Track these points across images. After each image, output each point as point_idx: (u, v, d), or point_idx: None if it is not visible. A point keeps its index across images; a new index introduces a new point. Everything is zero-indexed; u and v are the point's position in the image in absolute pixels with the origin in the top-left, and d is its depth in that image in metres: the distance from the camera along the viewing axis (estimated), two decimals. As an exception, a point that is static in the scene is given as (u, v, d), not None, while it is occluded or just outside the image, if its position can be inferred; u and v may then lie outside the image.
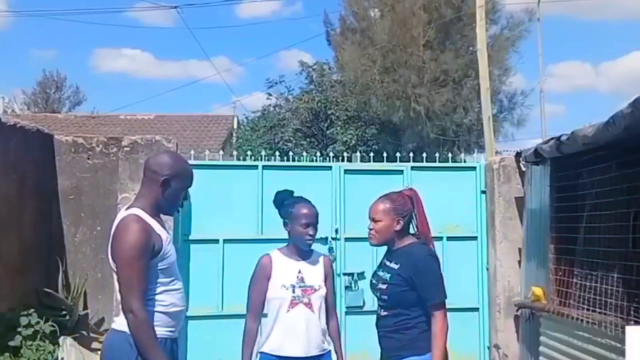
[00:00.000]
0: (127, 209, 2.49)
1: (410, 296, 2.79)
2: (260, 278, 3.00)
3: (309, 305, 2.92)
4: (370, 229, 2.96)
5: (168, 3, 35.17)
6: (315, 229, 3.02)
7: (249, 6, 44.93)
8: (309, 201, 3.09)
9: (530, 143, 9.92)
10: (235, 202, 5.43)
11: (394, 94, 13.54)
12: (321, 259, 3.10)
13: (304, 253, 3.04)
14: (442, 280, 2.85)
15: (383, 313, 2.93)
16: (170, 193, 2.50)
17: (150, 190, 2.49)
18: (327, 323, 3.05)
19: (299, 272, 2.97)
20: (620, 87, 37.68)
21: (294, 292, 2.91)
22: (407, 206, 2.93)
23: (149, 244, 2.36)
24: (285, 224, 3.05)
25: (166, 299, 2.43)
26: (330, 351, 3.03)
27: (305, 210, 3.00)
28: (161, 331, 2.41)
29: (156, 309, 2.40)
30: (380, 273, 2.96)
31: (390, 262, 2.93)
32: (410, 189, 3.07)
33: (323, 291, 2.99)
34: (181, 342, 5.20)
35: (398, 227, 2.90)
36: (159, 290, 2.42)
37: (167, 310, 2.44)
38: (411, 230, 3.00)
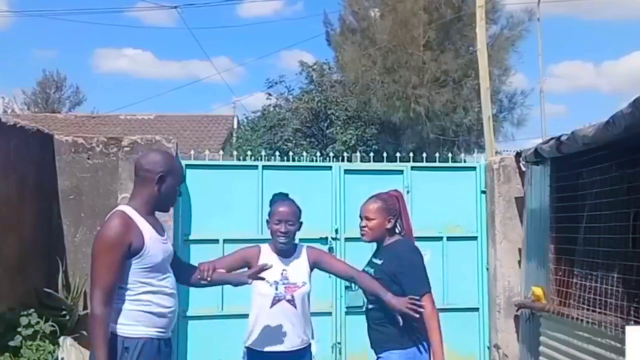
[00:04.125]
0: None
1: (393, 289, 2.91)
2: (240, 256, 3.08)
3: (291, 302, 2.97)
4: (363, 227, 3.11)
5: (169, 3, 35.17)
6: (290, 227, 3.00)
7: (250, 6, 44.91)
8: (292, 200, 3.11)
9: (530, 143, 9.91)
10: (235, 202, 5.43)
11: (394, 94, 13.52)
12: (304, 251, 3.10)
13: (288, 250, 3.06)
14: (425, 272, 2.99)
15: (370, 306, 3.08)
16: (166, 189, 2.52)
17: (145, 189, 2.51)
18: (356, 277, 3.06)
19: (284, 269, 3.01)
20: (621, 87, 37.67)
21: (277, 289, 2.96)
22: (396, 205, 3.12)
23: (123, 241, 2.36)
24: (267, 223, 3.12)
25: (151, 299, 2.42)
26: (310, 343, 3.08)
27: (280, 208, 3.03)
28: (148, 331, 2.41)
29: (140, 308, 2.39)
30: (366, 269, 3.13)
31: (376, 258, 3.11)
32: (396, 190, 3.23)
33: (307, 288, 3.02)
34: (181, 342, 5.24)
35: (389, 226, 3.08)
36: (141, 290, 2.41)
37: (153, 310, 2.42)
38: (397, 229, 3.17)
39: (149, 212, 2.51)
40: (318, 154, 12.88)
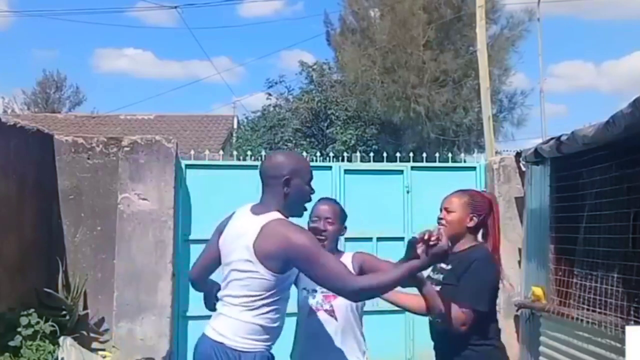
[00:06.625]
0: (256, 213, 2.40)
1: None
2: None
3: (331, 312, 2.61)
4: (440, 219, 2.68)
5: (169, 3, 35.18)
6: (329, 225, 2.67)
7: (250, 6, 44.93)
8: (335, 201, 2.86)
9: (530, 143, 9.92)
10: (235, 202, 5.39)
11: (394, 94, 13.54)
12: (349, 257, 2.68)
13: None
14: (490, 293, 2.60)
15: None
16: (295, 192, 2.38)
17: (275, 196, 2.39)
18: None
19: None
20: (621, 87, 37.69)
21: (314, 297, 2.63)
22: (485, 207, 2.71)
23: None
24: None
25: (268, 312, 2.31)
26: None
27: (320, 206, 2.74)
28: (261, 345, 2.31)
29: (256, 321, 2.30)
30: (434, 276, 2.69)
31: (446, 264, 2.63)
32: (491, 194, 2.82)
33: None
34: (181, 342, 5.24)
35: (471, 224, 2.65)
36: (266, 301, 2.29)
37: (267, 325, 2.32)
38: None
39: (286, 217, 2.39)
40: (318, 154, 12.90)
